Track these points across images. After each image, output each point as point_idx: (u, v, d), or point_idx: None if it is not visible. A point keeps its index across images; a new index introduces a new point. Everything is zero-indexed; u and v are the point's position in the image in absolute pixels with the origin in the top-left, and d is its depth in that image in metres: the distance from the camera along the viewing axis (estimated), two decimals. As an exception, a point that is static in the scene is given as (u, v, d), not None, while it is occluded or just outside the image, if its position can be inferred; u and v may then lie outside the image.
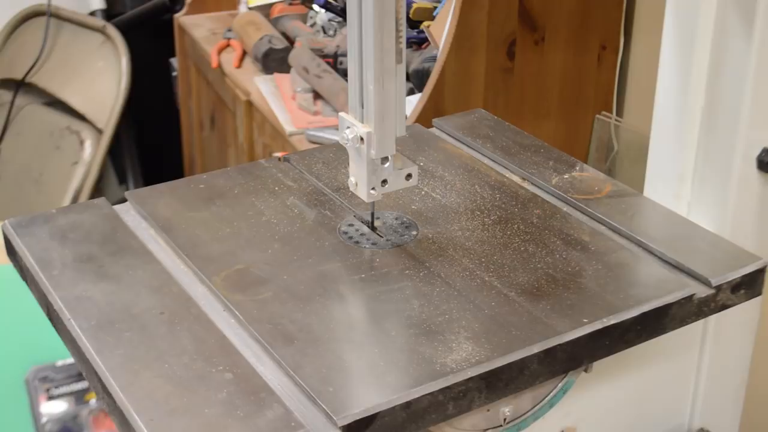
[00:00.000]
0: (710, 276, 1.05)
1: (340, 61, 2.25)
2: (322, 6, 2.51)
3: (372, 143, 1.04)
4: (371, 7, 0.99)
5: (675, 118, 1.20)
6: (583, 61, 2.08)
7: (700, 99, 1.18)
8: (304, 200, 1.20)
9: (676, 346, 1.15)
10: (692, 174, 1.21)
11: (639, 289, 1.03)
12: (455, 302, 1.01)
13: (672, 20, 1.18)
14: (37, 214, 1.17)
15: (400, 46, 1.02)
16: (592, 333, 0.97)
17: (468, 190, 1.22)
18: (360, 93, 1.05)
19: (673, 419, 1.20)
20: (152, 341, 0.95)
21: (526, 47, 1.99)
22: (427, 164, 1.28)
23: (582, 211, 1.18)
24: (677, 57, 1.18)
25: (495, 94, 1.99)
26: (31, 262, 1.08)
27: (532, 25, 1.98)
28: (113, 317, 0.98)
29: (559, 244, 1.11)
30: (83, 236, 1.13)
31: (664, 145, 1.23)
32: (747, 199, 1.17)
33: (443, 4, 2.18)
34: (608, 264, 1.07)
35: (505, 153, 1.31)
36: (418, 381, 0.89)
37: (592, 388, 1.07)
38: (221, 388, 0.89)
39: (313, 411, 0.87)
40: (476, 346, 0.94)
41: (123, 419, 0.87)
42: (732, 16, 1.12)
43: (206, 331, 0.97)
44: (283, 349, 0.94)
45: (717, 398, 1.21)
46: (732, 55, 1.13)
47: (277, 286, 1.04)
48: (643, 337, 1.01)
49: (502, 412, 1.00)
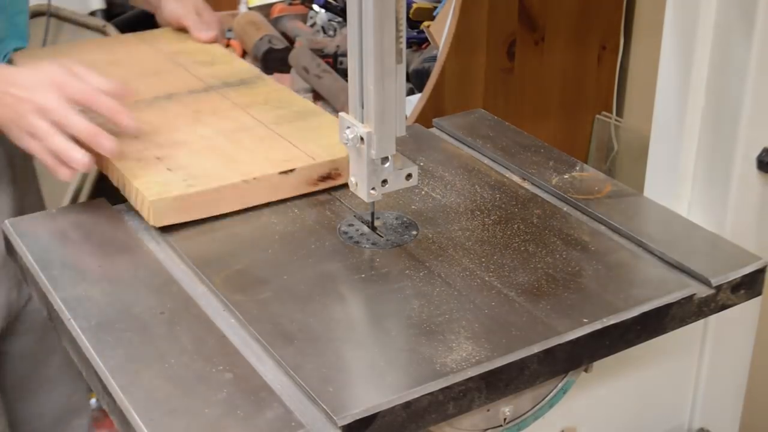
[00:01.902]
0: (710, 276, 1.05)
1: (340, 61, 2.25)
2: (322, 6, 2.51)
3: (372, 143, 1.04)
4: (371, 7, 0.99)
5: (675, 118, 1.20)
6: (583, 61, 2.08)
7: (700, 99, 1.18)
8: (304, 200, 1.20)
9: (676, 346, 1.15)
10: (692, 174, 1.21)
11: (639, 289, 1.03)
12: (455, 302, 1.01)
13: (672, 20, 1.18)
14: (37, 214, 1.17)
15: (400, 46, 1.02)
16: (592, 333, 0.97)
17: (468, 190, 1.22)
18: (360, 93, 1.05)
19: (673, 419, 1.20)
20: (152, 341, 0.95)
21: (526, 47, 1.99)
22: (427, 164, 1.28)
23: (582, 211, 1.18)
24: (677, 57, 1.18)
25: (495, 94, 1.99)
26: (31, 262, 1.08)
27: (532, 25, 1.98)
28: (113, 317, 0.98)
29: (559, 244, 1.10)
30: (83, 236, 1.13)
31: (664, 145, 1.23)
32: (747, 199, 1.17)
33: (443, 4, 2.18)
34: (608, 264, 1.07)
35: (505, 153, 1.31)
36: (418, 381, 0.89)
37: (592, 388, 1.07)
38: (221, 388, 0.89)
39: (313, 411, 0.87)
40: (476, 346, 0.94)
41: (123, 419, 0.87)
42: (732, 16, 1.12)
43: (206, 331, 0.97)
44: (283, 349, 0.94)
45: (717, 398, 1.21)
46: (732, 54, 1.13)
47: (277, 286, 1.04)
48: (643, 337, 1.01)
49: (502, 412, 1.00)
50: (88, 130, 1.17)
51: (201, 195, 1.15)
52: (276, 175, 1.18)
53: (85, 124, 1.17)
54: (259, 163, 1.20)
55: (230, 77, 1.47)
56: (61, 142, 1.15)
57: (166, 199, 1.13)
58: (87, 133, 1.16)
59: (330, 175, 1.21)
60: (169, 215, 1.13)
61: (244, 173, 1.18)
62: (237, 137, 1.27)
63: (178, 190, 1.14)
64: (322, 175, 1.21)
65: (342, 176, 1.21)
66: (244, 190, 1.17)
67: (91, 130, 1.17)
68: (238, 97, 1.40)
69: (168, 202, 1.13)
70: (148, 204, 1.13)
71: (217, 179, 1.17)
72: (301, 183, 1.20)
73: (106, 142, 1.17)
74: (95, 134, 1.17)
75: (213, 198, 1.15)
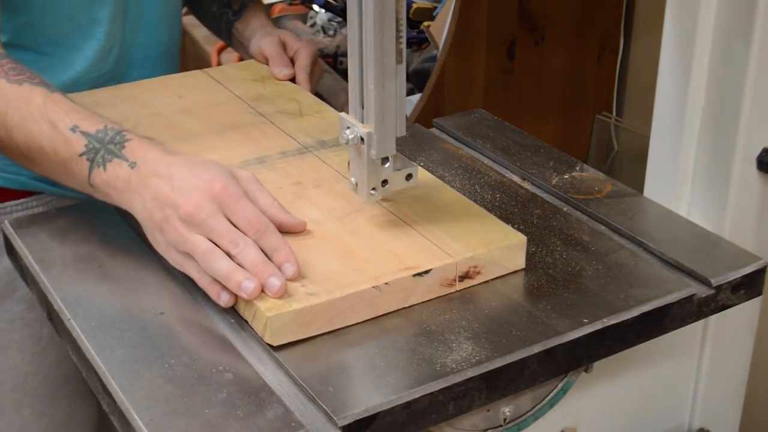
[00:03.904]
0: (710, 276, 1.05)
1: (340, 61, 2.25)
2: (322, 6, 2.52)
3: (372, 143, 1.04)
4: (371, 7, 0.99)
5: (675, 118, 1.20)
6: (583, 61, 2.08)
7: (700, 99, 1.18)
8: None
9: (676, 346, 1.15)
10: (692, 174, 1.21)
11: (639, 289, 1.03)
12: (455, 302, 1.01)
13: (672, 20, 1.18)
14: (37, 214, 1.17)
15: (400, 46, 1.02)
16: (592, 333, 0.97)
17: (468, 190, 1.22)
18: (360, 93, 1.05)
19: (673, 419, 1.20)
20: (152, 341, 0.95)
21: (526, 47, 1.99)
22: (427, 164, 1.28)
23: (582, 211, 1.18)
24: (677, 57, 1.18)
25: (495, 94, 1.99)
26: (31, 262, 1.08)
27: (532, 25, 1.98)
28: (113, 317, 0.98)
29: (559, 244, 1.10)
30: (83, 236, 1.13)
31: (664, 145, 1.23)
32: (747, 199, 1.17)
33: (443, 4, 2.18)
34: (608, 264, 1.07)
35: (505, 153, 1.31)
36: (418, 381, 0.89)
37: (592, 388, 1.07)
38: (221, 388, 0.89)
39: (313, 411, 0.87)
40: (476, 346, 0.94)
41: (123, 419, 0.87)
42: (732, 16, 1.12)
43: (206, 331, 0.97)
44: (283, 349, 0.94)
45: (717, 398, 1.21)
46: (732, 54, 1.13)
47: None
48: (643, 337, 1.01)
49: (502, 412, 1.00)
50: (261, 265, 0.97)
51: (326, 306, 0.95)
52: (410, 278, 0.99)
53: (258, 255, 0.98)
54: (387, 260, 1.01)
55: (324, 134, 1.27)
56: (252, 253, 0.97)
57: (287, 314, 0.94)
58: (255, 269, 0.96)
59: (468, 274, 1.03)
60: (289, 332, 0.94)
61: (372, 276, 0.98)
62: (352, 222, 1.08)
63: (298, 301, 0.95)
64: (460, 275, 1.03)
65: (481, 274, 1.03)
66: (374, 298, 0.98)
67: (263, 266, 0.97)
68: (340, 163, 1.19)
69: (288, 316, 0.94)
70: (265, 320, 0.93)
71: (342, 285, 0.97)
72: (434, 285, 1.01)
73: (289, 267, 0.98)
74: None
75: (339, 310, 0.96)
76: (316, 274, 0.99)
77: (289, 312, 0.93)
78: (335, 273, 0.99)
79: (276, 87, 1.41)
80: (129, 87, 1.38)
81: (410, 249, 1.03)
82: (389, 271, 0.99)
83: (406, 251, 1.03)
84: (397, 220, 1.08)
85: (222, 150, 1.22)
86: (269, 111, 1.34)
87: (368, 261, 1.01)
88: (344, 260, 1.01)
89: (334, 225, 1.08)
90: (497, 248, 1.04)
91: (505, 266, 1.05)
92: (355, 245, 1.04)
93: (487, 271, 1.03)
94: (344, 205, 1.11)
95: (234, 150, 1.22)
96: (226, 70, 1.48)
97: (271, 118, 1.32)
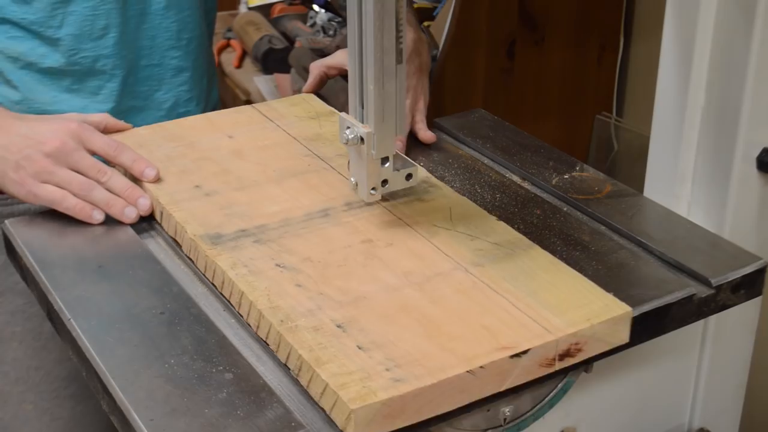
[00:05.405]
0: (710, 276, 1.05)
1: (340, 61, 2.25)
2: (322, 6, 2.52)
3: (372, 143, 1.04)
4: (371, 7, 0.99)
5: (675, 118, 1.20)
6: (583, 61, 2.08)
7: (700, 99, 1.18)
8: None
9: (676, 346, 1.15)
10: (692, 174, 1.21)
11: (639, 289, 1.03)
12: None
13: (672, 20, 1.18)
14: (37, 214, 1.17)
15: (400, 46, 1.02)
16: (592, 333, 0.97)
17: (468, 190, 1.22)
18: (360, 93, 1.05)
19: (673, 419, 1.20)
20: (152, 341, 0.95)
21: (526, 47, 1.99)
22: (427, 164, 1.28)
23: (582, 211, 1.18)
24: (677, 57, 1.18)
25: (495, 94, 1.99)
26: (31, 262, 1.08)
27: (532, 25, 1.98)
28: (113, 317, 0.98)
29: (559, 244, 1.10)
30: (83, 236, 1.13)
31: (664, 145, 1.23)
32: (747, 199, 1.17)
33: (443, 4, 2.18)
34: (608, 264, 1.07)
35: (505, 153, 1.31)
36: (419, 381, 0.89)
37: (592, 388, 1.07)
38: (221, 388, 0.89)
39: (313, 411, 0.87)
40: (476, 346, 0.93)
41: (123, 419, 0.87)
42: (732, 16, 1.12)
43: (206, 331, 0.97)
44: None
45: (717, 398, 1.21)
46: (732, 54, 1.13)
47: (278, 286, 1.03)
48: (643, 337, 1.01)
49: (502, 412, 1.00)
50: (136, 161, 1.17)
51: (416, 395, 0.84)
52: (507, 360, 0.87)
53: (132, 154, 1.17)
54: (477, 336, 0.89)
55: None
56: (120, 180, 1.14)
57: (373, 405, 0.82)
58: (131, 164, 1.16)
59: (569, 352, 0.91)
60: (375, 425, 0.83)
61: (464, 357, 0.86)
62: (433, 289, 0.96)
63: (384, 389, 0.83)
64: (560, 354, 0.91)
65: (583, 351, 0.91)
66: (467, 383, 0.86)
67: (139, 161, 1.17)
68: (411, 215, 1.08)
69: (375, 408, 0.82)
70: (349, 412, 0.82)
71: (432, 369, 0.85)
72: (533, 366, 0.89)
73: (149, 171, 1.16)
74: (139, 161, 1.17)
75: (429, 399, 0.84)
76: (402, 354, 0.87)
77: (375, 403, 0.82)
78: (422, 353, 0.87)
79: (333, 126, 1.27)
80: (172, 125, 1.29)
81: (503, 324, 0.91)
82: (483, 351, 0.87)
83: (498, 326, 0.90)
84: (485, 287, 0.96)
85: (282, 201, 1.12)
86: (328, 154, 1.22)
87: (458, 338, 0.89)
88: (431, 337, 0.89)
89: (414, 292, 0.95)
90: (601, 323, 0.92)
91: (609, 342, 0.94)
92: (441, 318, 0.91)
93: (589, 348, 0.92)
94: (422, 268, 0.99)
95: (296, 201, 1.12)
96: (276, 106, 1.35)
97: (331, 163, 1.19)
